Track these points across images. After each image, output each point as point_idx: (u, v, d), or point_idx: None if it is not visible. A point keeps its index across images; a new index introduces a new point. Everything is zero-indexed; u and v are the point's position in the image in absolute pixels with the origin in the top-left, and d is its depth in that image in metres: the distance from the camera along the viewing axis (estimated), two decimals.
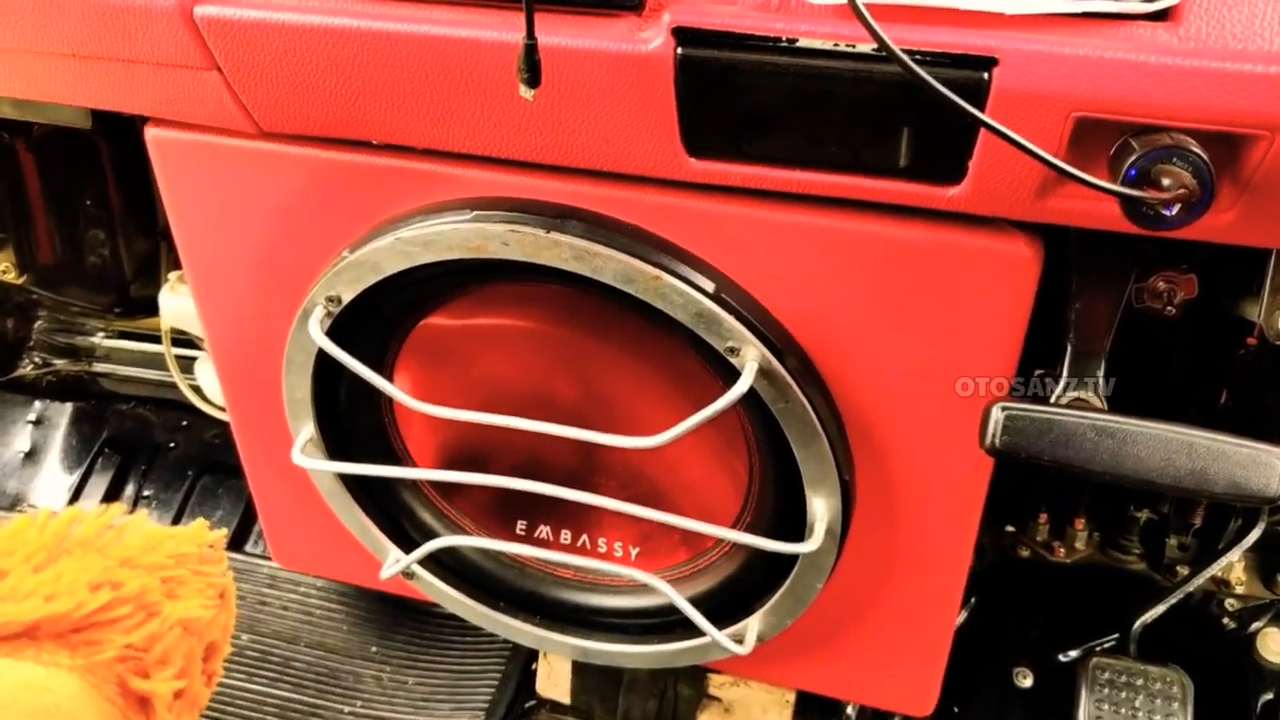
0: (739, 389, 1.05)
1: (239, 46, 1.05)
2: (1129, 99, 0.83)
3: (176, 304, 1.66)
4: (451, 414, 1.18)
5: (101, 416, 2.29)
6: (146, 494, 2.20)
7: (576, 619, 1.43)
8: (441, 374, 1.31)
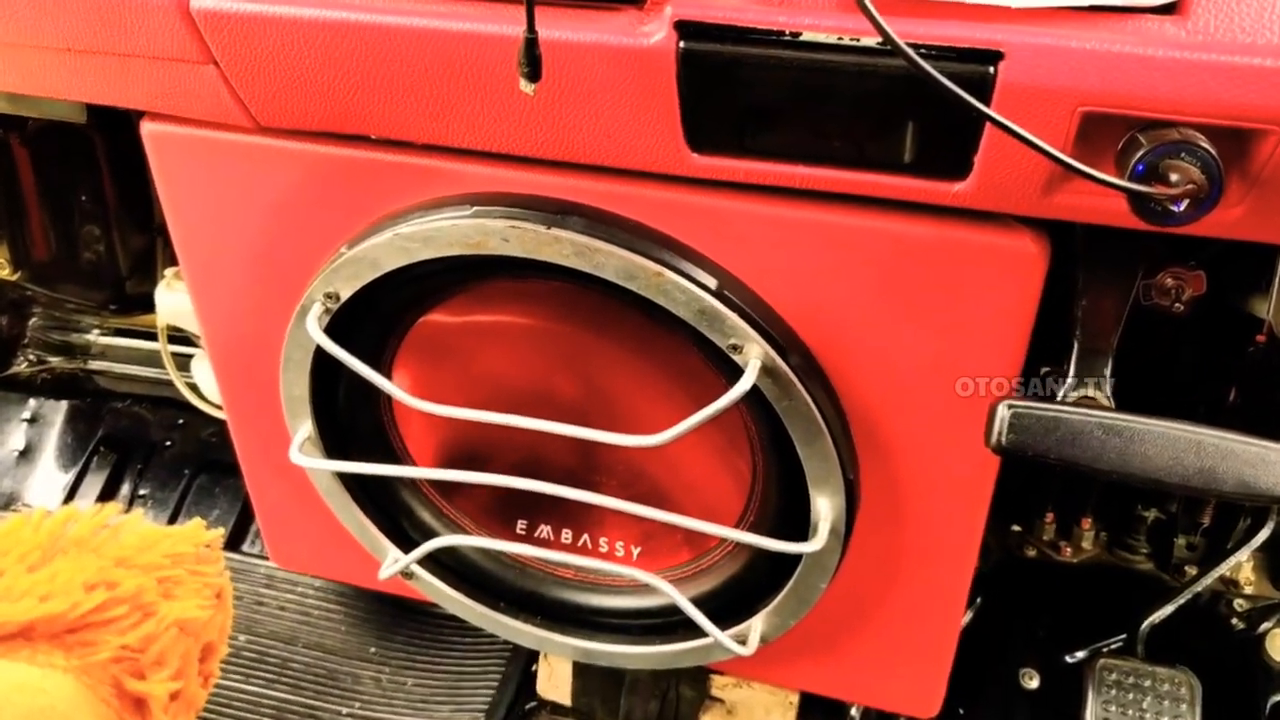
0: (741, 387, 1.05)
1: (236, 40, 1.05)
2: (1136, 93, 0.83)
3: (173, 301, 1.66)
4: (451, 412, 1.18)
5: (97, 414, 2.29)
6: (142, 493, 2.20)
7: (577, 619, 1.43)
8: (441, 372, 1.31)
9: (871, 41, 0.88)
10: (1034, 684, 1.60)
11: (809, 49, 0.90)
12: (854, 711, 1.65)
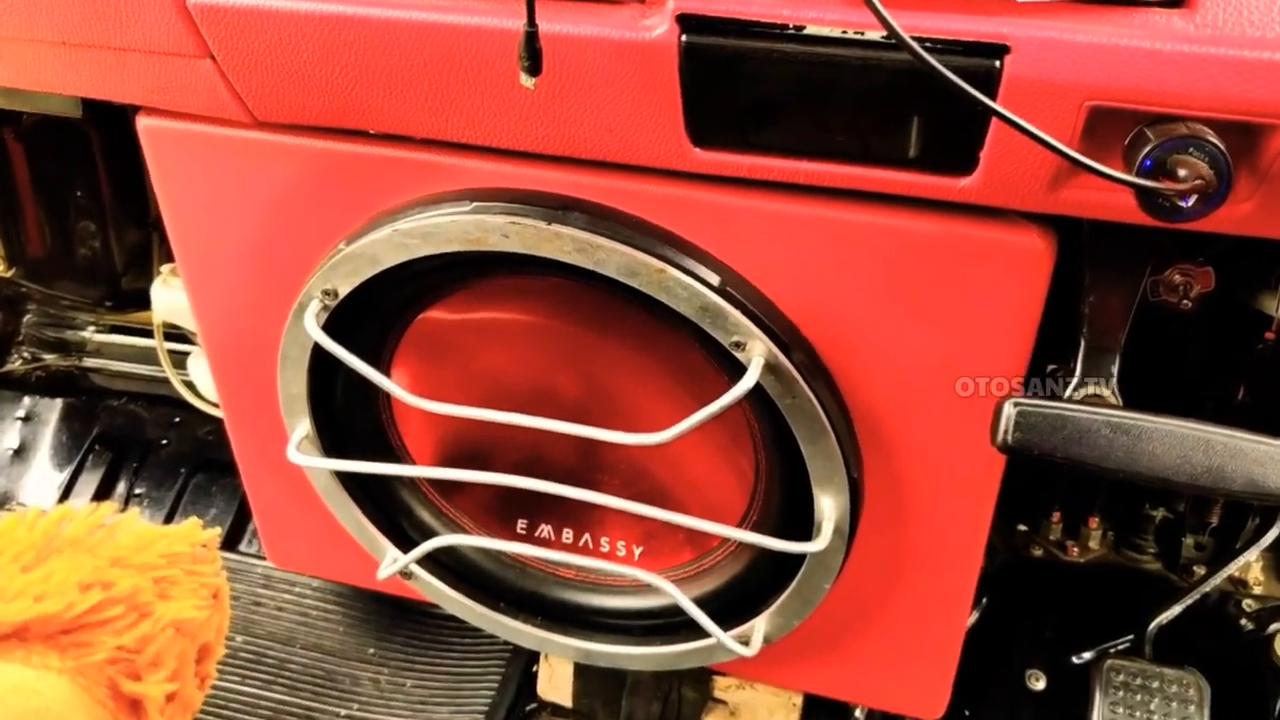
0: (745, 384, 1.05)
1: (233, 33, 1.05)
2: (1144, 87, 0.83)
3: (169, 297, 1.66)
4: (450, 410, 1.18)
5: (92, 413, 2.30)
6: (138, 492, 2.20)
7: (578, 620, 1.43)
8: (440, 369, 1.31)
9: (876, 35, 0.88)
10: (1040, 685, 1.60)
11: (813, 43, 0.90)
12: (858, 713, 1.66)
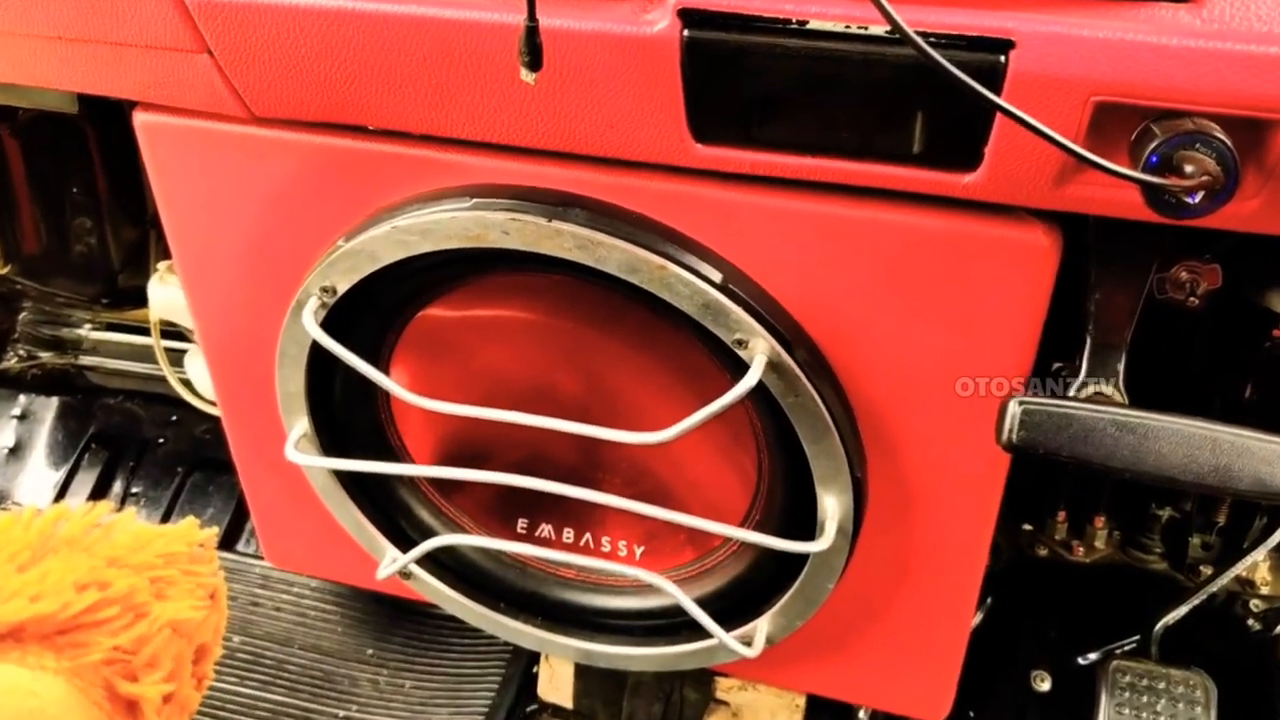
0: (747, 382, 1.05)
1: (231, 28, 1.05)
2: (1150, 83, 0.83)
3: (166, 294, 1.66)
4: (450, 408, 1.19)
5: (88, 411, 2.30)
6: (135, 491, 2.20)
7: (579, 620, 1.43)
8: (440, 367, 1.31)
9: (880, 30, 0.88)
10: (1046, 686, 1.60)
11: (816, 37, 0.90)
12: (861, 714, 1.66)
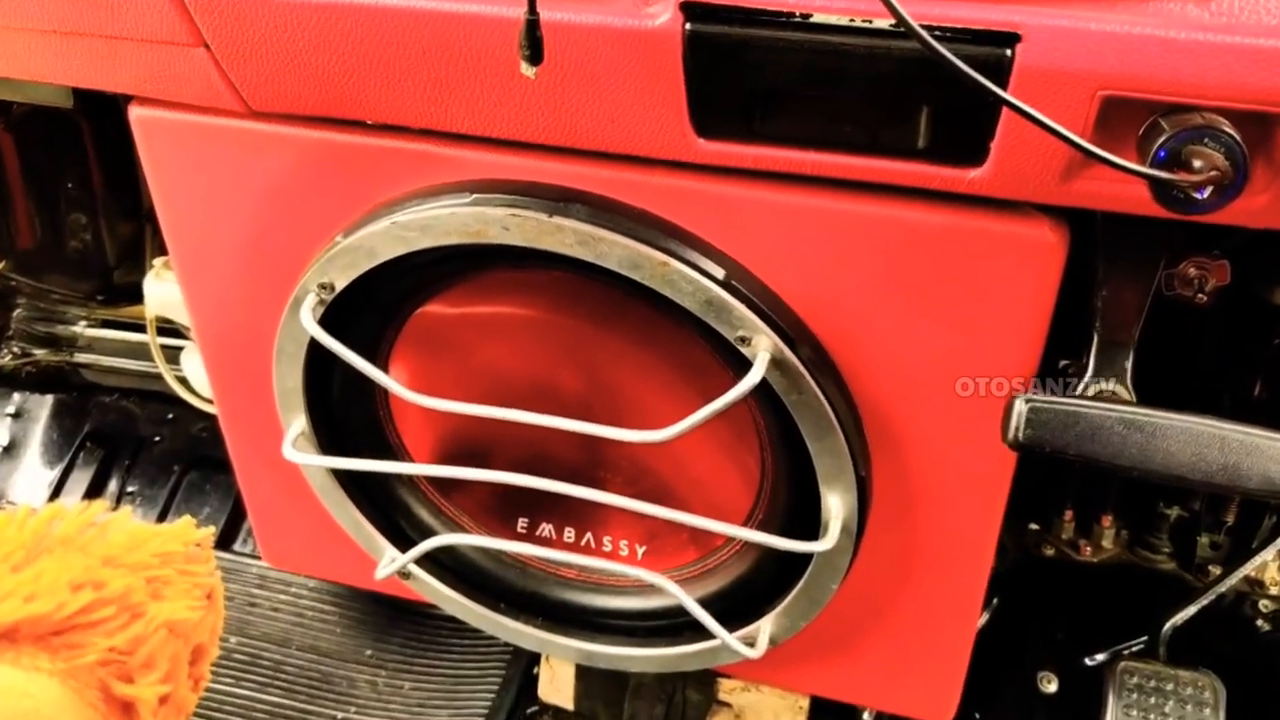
0: (750, 380, 1.05)
1: (228, 21, 1.05)
2: (1158, 77, 0.83)
3: (162, 291, 1.67)
4: (449, 406, 1.19)
5: (83, 409, 2.30)
6: (130, 490, 2.21)
7: (580, 621, 1.43)
8: (439, 364, 1.31)
9: (884, 23, 0.88)
10: (1052, 687, 1.60)
11: (820, 31, 0.90)
12: (866, 716, 1.66)
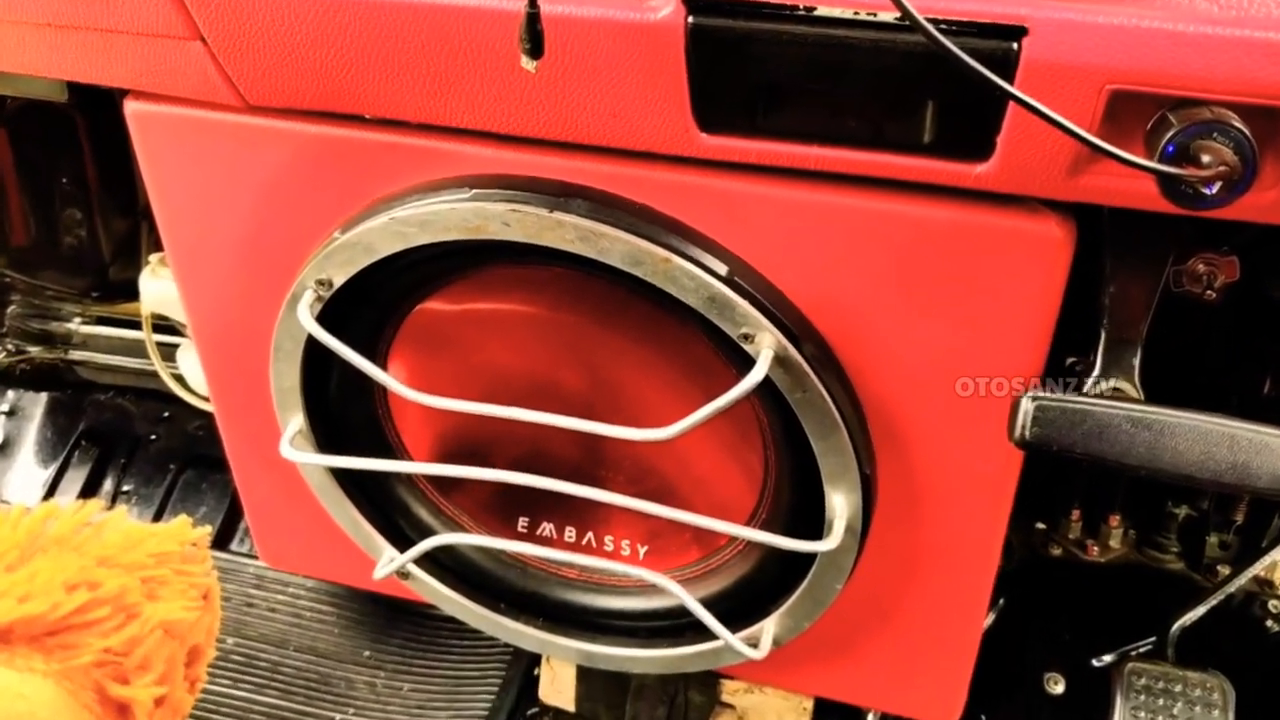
0: (753, 378, 1.05)
1: (224, 14, 1.05)
2: (1166, 71, 0.83)
3: (158, 288, 1.67)
4: (449, 404, 1.19)
5: (78, 407, 2.30)
6: (126, 489, 2.21)
7: (581, 621, 1.43)
8: (438, 362, 1.31)
9: (889, 16, 0.88)
10: (1059, 689, 1.60)
11: (824, 24, 0.90)
12: (870, 718, 1.66)
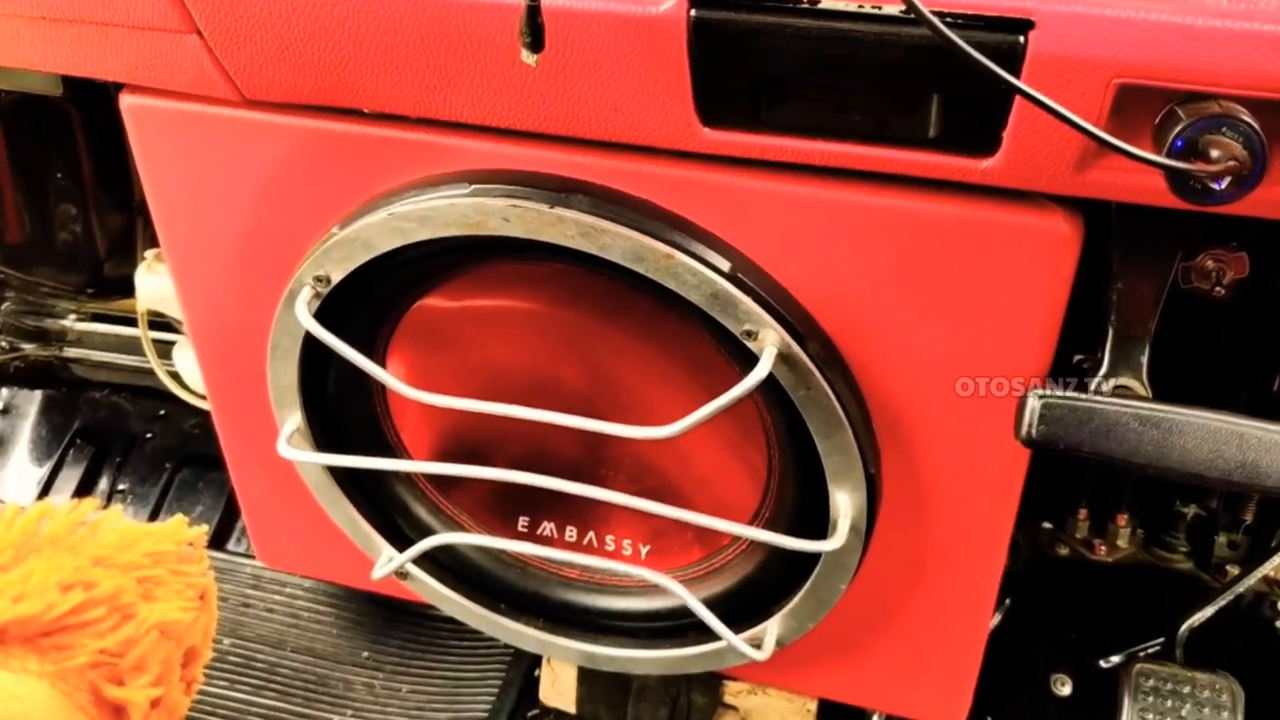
0: (757, 375, 1.05)
1: (221, 8, 1.05)
2: (1175, 64, 0.83)
3: (154, 284, 1.67)
4: (448, 402, 1.19)
5: (73, 405, 2.30)
6: (121, 488, 2.21)
7: (582, 622, 1.43)
8: (438, 359, 1.31)
9: (894, 9, 0.88)
10: (1066, 690, 1.60)
11: (828, 17, 0.90)
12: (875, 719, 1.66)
